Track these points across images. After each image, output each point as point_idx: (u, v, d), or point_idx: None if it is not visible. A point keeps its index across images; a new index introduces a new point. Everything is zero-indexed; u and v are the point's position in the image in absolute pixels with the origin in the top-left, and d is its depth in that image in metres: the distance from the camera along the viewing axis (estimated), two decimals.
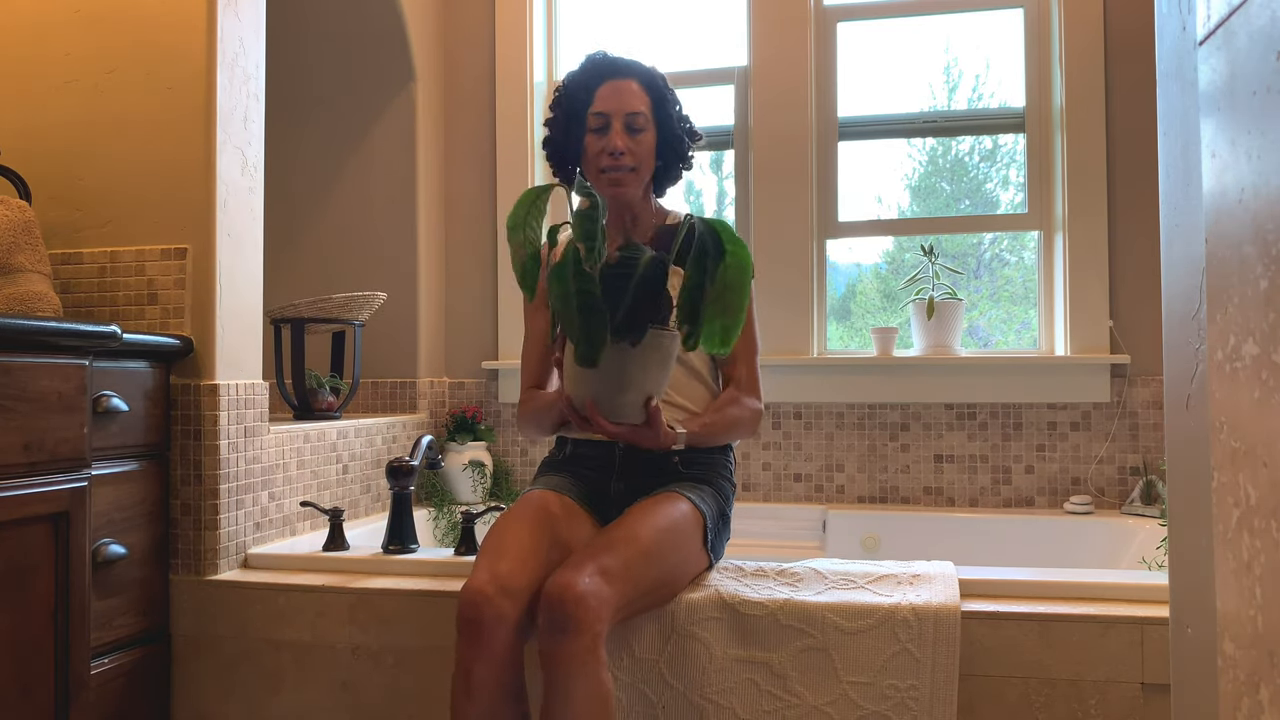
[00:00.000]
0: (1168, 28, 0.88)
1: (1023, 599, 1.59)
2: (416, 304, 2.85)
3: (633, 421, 1.43)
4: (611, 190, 1.67)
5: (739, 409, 1.71)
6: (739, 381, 1.75)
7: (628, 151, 1.65)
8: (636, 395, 1.41)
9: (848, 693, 1.50)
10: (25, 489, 1.37)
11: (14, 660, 1.35)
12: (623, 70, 1.69)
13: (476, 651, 1.35)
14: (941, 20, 2.86)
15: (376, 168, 2.87)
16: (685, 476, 1.67)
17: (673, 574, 1.54)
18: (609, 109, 1.66)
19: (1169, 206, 0.88)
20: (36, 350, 1.40)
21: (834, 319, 2.91)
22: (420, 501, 2.63)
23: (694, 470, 1.68)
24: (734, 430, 1.71)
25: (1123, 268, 2.61)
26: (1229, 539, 0.69)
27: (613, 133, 1.65)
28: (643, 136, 1.67)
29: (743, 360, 1.75)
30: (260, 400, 1.99)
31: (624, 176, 1.66)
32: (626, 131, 1.66)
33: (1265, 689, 0.63)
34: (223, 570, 1.87)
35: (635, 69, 1.70)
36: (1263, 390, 0.63)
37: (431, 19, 2.94)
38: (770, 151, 2.80)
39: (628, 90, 1.67)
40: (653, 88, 1.70)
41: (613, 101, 1.66)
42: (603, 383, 1.39)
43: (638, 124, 1.66)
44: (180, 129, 1.89)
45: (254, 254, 2.00)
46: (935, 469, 2.67)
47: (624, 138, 1.65)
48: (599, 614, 1.33)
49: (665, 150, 1.73)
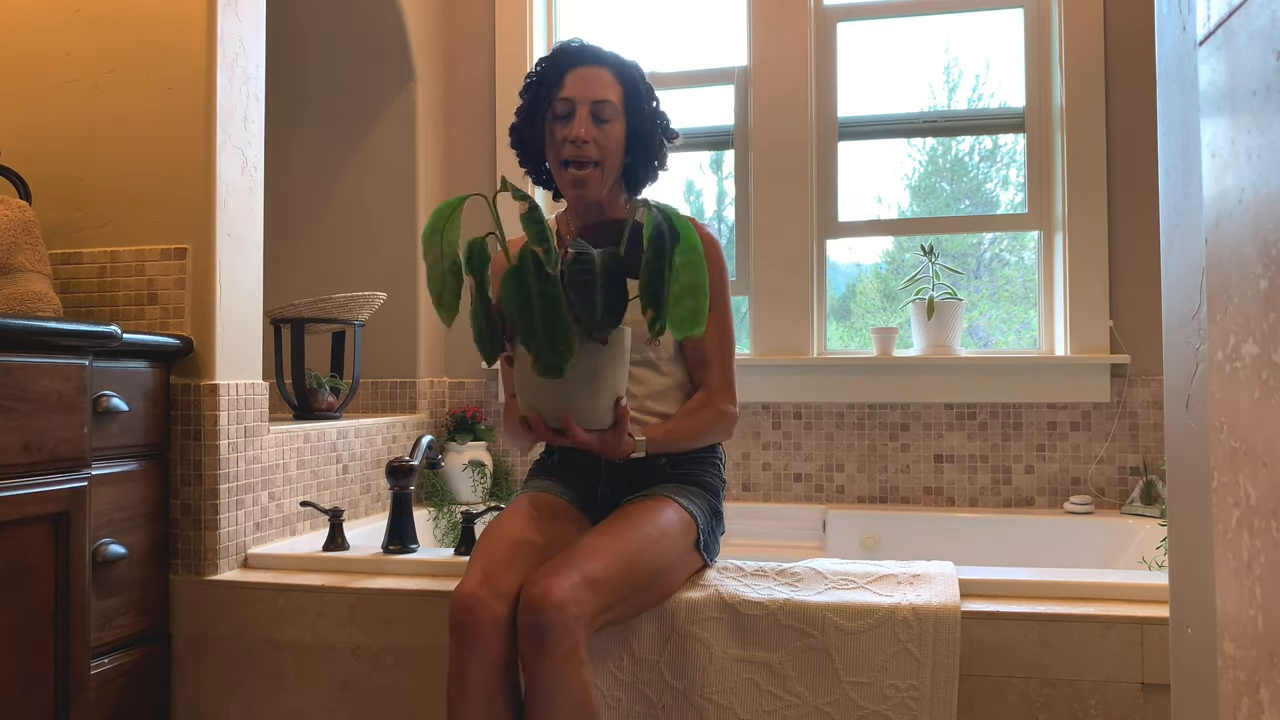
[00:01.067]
0: (1168, 28, 0.88)
1: (1023, 599, 1.59)
2: (416, 304, 2.85)
3: (604, 426, 1.39)
4: (574, 192, 1.62)
5: (708, 413, 1.65)
6: (710, 385, 1.66)
7: (591, 141, 1.57)
8: (608, 398, 1.37)
9: (848, 693, 1.50)
10: (25, 489, 1.37)
11: (14, 660, 1.35)
12: (593, 58, 1.61)
13: (470, 653, 1.35)
14: (941, 20, 2.87)
15: (376, 168, 2.87)
16: (672, 477, 1.66)
17: (658, 578, 1.52)
18: (575, 95, 1.58)
19: (1169, 206, 0.88)
20: (36, 350, 1.40)
21: (834, 319, 2.91)
22: (420, 501, 2.63)
23: (681, 470, 1.67)
24: (703, 436, 1.65)
25: (1123, 268, 2.61)
26: (1229, 539, 0.69)
27: (576, 119, 1.57)
28: (610, 128, 1.59)
29: (715, 362, 1.67)
30: (260, 400, 1.99)
31: (587, 175, 1.59)
32: (593, 120, 1.58)
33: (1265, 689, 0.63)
34: (223, 570, 1.87)
35: (607, 57, 1.62)
36: (1263, 390, 0.63)
37: (431, 19, 2.94)
38: (770, 151, 2.80)
39: (597, 78, 1.59)
40: (625, 78, 1.62)
41: (580, 88, 1.58)
42: (574, 390, 1.33)
43: (605, 114, 1.58)
44: (180, 129, 1.89)
45: (254, 254, 2.00)
46: (935, 469, 2.67)
47: (589, 126, 1.57)
48: (578, 619, 1.32)
49: (635, 145, 1.63)
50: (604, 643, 1.54)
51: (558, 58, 1.62)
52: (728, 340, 1.69)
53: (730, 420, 1.68)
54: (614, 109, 1.60)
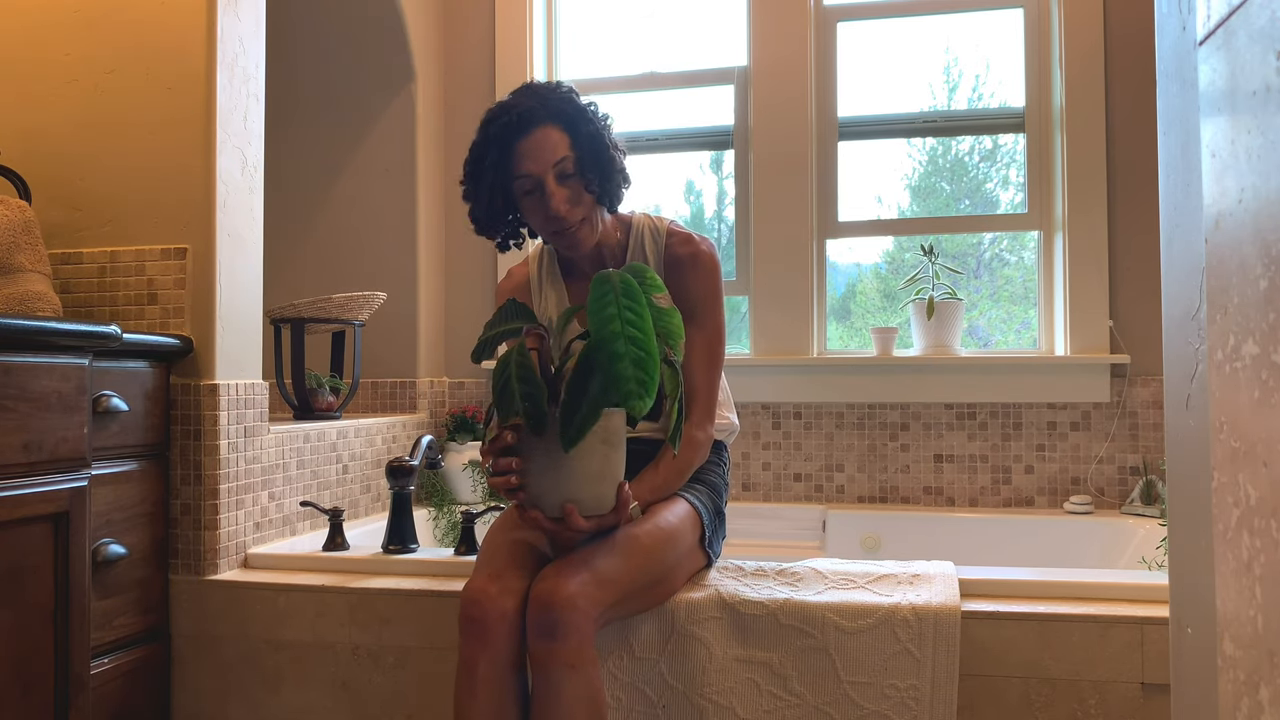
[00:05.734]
0: (1168, 28, 0.88)
1: (1023, 599, 1.59)
2: (416, 304, 2.85)
3: (606, 511, 1.37)
4: (572, 251, 1.62)
5: (688, 451, 1.59)
6: (690, 417, 1.59)
7: (570, 206, 1.54)
8: (611, 484, 1.35)
9: (848, 692, 1.50)
10: (25, 489, 1.37)
11: (14, 660, 1.35)
12: (532, 120, 1.52)
13: (479, 650, 1.35)
14: (941, 20, 2.87)
15: (376, 168, 2.87)
16: None
17: (667, 574, 1.53)
18: (534, 169, 1.52)
19: (1169, 206, 0.88)
20: (36, 350, 1.40)
21: (834, 319, 2.91)
22: (420, 501, 2.63)
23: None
24: (686, 473, 1.61)
25: (1123, 268, 2.61)
26: (1229, 539, 0.69)
27: (549, 194, 1.52)
28: (574, 181, 1.54)
29: (702, 391, 1.61)
30: (260, 400, 1.99)
31: (579, 236, 1.57)
32: (559, 183, 1.53)
33: (1265, 689, 0.63)
34: (223, 570, 1.87)
35: (543, 113, 1.53)
36: (1263, 390, 0.63)
37: (431, 19, 2.94)
38: (770, 151, 2.80)
39: (545, 140, 1.52)
40: (565, 120, 1.54)
41: (535, 160, 1.52)
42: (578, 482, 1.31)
43: (568, 169, 1.53)
44: (180, 129, 1.89)
45: (254, 254, 2.00)
46: (935, 469, 2.67)
47: (560, 196, 1.53)
48: (587, 615, 1.32)
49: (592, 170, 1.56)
50: (604, 642, 1.54)
51: (498, 134, 1.53)
52: (716, 364, 1.65)
53: (704, 445, 1.62)
54: (571, 160, 1.54)
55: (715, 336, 1.65)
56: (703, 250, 1.66)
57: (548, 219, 1.55)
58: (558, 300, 1.74)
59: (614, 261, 1.69)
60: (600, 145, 1.57)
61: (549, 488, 1.32)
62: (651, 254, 1.67)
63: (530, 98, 1.55)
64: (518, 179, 1.54)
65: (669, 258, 1.66)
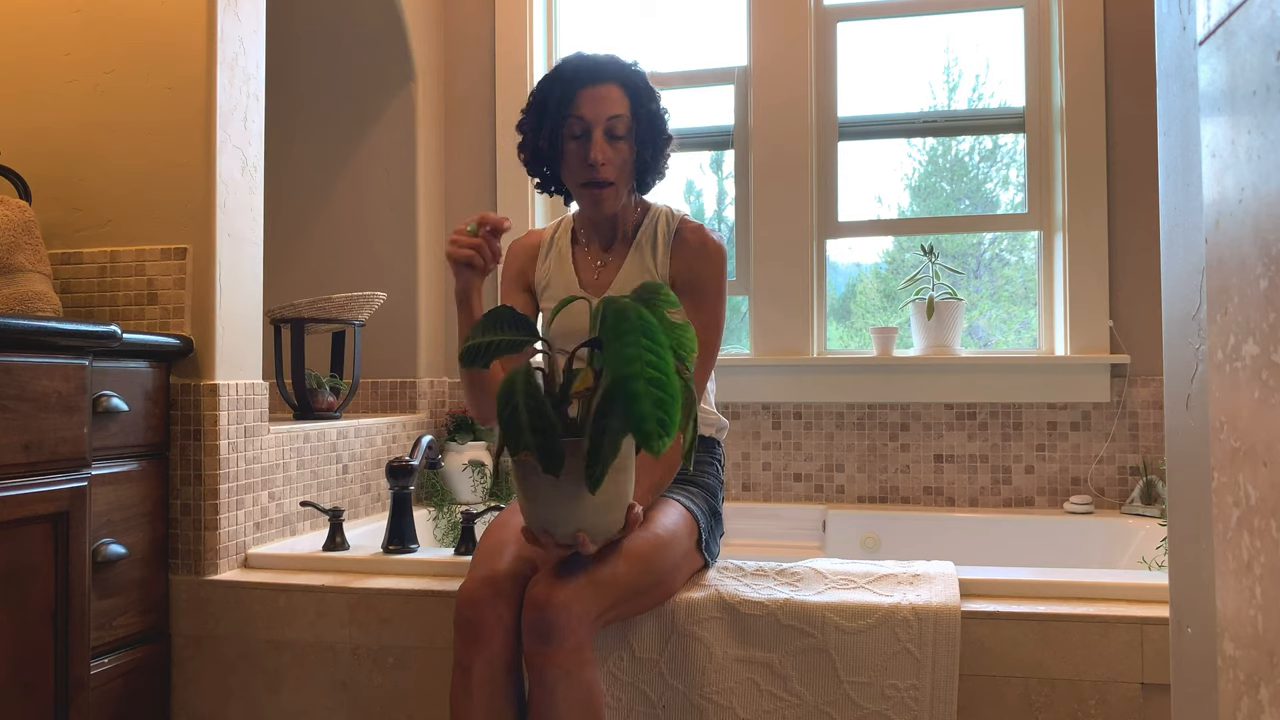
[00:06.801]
0: (1168, 28, 0.88)
1: (1023, 599, 1.59)
2: (416, 304, 2.85)
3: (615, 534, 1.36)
4: (592, 208, 1.67)
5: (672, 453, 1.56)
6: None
7: (608, 162, 1.60)
8: (620, 510, 1.33)
9: (848, 692, 1.50)
10: (25, 489, 1.37)
11: (14, 660, 1.35)
12: (602, 74, 1.62)
13: (475, 652, 1.35)
14: (941, 20, 2.87)
15: (376, 168, 2.87)
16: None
17: (662, 578, 1.52)
18: (589, 115, 1.60)
19: (1169, 206, 0.88)
20: (36, 350, 1.40)
21: (834, 319, 2.91)
22: (420, 501, 2.63)
23: (681, 470, 1.66)
24: (674, 471, 1.60)
25: (1123, 268, 2.61)
26: (1229, 539, 0.69)
27: (593, 142, 1.60)
28: (622, 144, 1.62)
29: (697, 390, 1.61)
30: (260, 400, 1.99)
31: (604, 194, 1.63)
32: (607, 139, 1.61)
33: (1265, 689, 0.63)
34: (223, 570, 1.87)
35: (615, 73, 1.64)
36: (1263, 390, 0.63)
37: (431, 19, 2.94)
38: (770, 151, 2.80)
39: (607, 95, 1.61)
40: (631, 87, 1.64)
41: (593, 108, 1.60)
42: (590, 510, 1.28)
43: (618, 130, 1.61)
44: (180, 129, 1.89)
45: (254, 254, 2.00)
46: (935, 469, 2.67)
47: (604, 148, 1.60)
48: (582, 620, 1.32)
49: (643, 147, 1.66)
50: (604, 642, 1.54)
51: (567, 77, 1.62)
52: (709, 353, 1.65)
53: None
54: (625, 122, 1.62)
55: (712, 326, 1.66)
56: (712, 240, 1.69)
57: (583, 166, 1.61)
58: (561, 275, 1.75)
59: (625, 237, 1.72)
60: (656, 126, 1.66)
61: (562, 517, 1.29)
62: (662, 235, 1.70)
63: (609, 59, 1.65)
64: (571, 119, 1.60)
65: (678, 240, 1.69)
